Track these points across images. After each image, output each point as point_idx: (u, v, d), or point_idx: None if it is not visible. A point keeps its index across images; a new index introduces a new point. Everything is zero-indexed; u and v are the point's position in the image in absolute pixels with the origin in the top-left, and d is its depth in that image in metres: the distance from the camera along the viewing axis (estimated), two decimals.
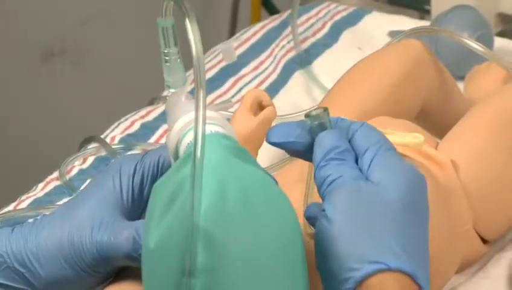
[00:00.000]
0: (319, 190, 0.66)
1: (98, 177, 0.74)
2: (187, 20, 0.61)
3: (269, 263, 0.58)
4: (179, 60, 0.71)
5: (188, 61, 0.70)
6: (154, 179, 0.73)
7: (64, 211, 0.73)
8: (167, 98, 0.72)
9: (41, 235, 0.71)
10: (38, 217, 0.74)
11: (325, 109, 0.68)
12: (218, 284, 0.57)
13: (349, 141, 0.68)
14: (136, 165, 0.73)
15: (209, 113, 0.63)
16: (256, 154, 0.97)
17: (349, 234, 0.62)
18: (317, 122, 0.68)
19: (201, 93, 0.58)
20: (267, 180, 0.61)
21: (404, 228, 0.63)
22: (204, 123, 0.57)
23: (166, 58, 0.70)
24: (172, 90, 0.71)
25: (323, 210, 0.63)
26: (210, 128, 0.63)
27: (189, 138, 0.64)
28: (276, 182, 0.66)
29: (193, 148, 0.57)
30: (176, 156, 0.66)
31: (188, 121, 0.65)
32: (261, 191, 0.60)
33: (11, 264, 0.71)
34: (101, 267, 0.71)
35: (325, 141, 0.67)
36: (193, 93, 0.68)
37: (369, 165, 0.66)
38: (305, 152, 0.69)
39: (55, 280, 0.71)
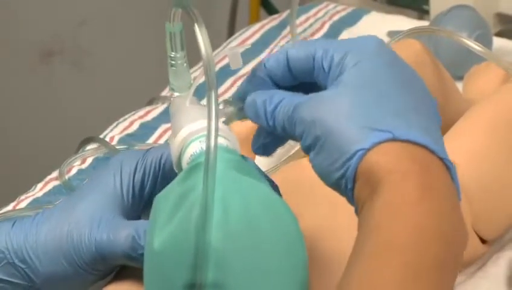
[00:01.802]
0: (293, 137, 0.63)
1: (99, 173, 0.74)
2: (196, 26, 0.61)
3: (272, 276, 0.59)
4: (185, 64, 0.71)
5: (191, 61, 0.71)
6: (156, 177, 0.72)
7: (64, 207, 0.73)
8: (171, 99, 0.72)
9: (41, 231, 0.71)
10: (39, 212, 0.74)
11: (226, 101, 0.67)
12: None
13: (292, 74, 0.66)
14: (137, 163, 0.73)
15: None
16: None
17: (334, 123, 0.59)
18: (236, 109, 0.67)
19: (213, 98, 0.58)
20: (269, 194, 0.61)
21: (393, 95, 0.60)
22: (215, 149, 0.58)
23: (172, 62, 0.70)
24: (176, 94, 0.71)
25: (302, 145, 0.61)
26: None
27: (192, 148, 0.64)
28: (278, 188, 0.66)
29: (204, 169, 0.57)
30: (179, 166, 0.66)
31: (191, 132, 0.65)
32: (263, 205, 0.60)
33: (11, 260, 0.71)
34: (99, 266, 0.71)
35: (252, 110, 0.65)
36: (196, 95, 0.68)
37: (323, 66, 0.63)
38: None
39: (54, 276, 0.71)
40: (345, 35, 1.62)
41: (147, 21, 2.21)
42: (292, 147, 1.24)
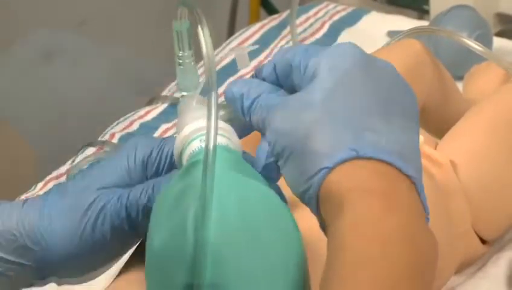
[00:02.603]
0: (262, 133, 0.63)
1: (112, 156, 0.72)
2: (199, 27, 0.61)
3: (270, 276, 0.59)
4: (192, 63, 0.71)
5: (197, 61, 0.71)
6: (171, 168, 0.71)
7: (77, 189, 0.70)
8: (180, 99, 0.72)
9: (55, 213, 0.69)
10: (50, 191, 0.72)
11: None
12: None
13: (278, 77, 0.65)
14: (152, 150, 0.72)
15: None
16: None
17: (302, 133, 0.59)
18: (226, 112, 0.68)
19: (213, 98, 0.58)
20: (267, 194, 0.61)
21: (367, 110, 0.59)
22: (215, 152, 0.57)
23: (180, 61, 0.70)
24: (184, 93, 0.71)
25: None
26: None
27: (193, 146, 0.64)
28: (280, 189, 0.66)
29: (203, 168, 0.57)
30: (180, 164, 0.66)
31: (193, 130, 0.65)
32: (261, 204, 0.60)
33: (24, 243, 0.69)
34: (119, 234, 0.69)
35: (231, 103, 0.66)
36: (203, 94, 0.68)
37: (300, 68, 0.63)
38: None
39: (67, 257, 0.69)
40: (345, 35, 1.62)
41: (146, 21, 2.21)
42: None
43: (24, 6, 2.11)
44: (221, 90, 1.53)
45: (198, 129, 0.65)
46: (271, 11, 2.30)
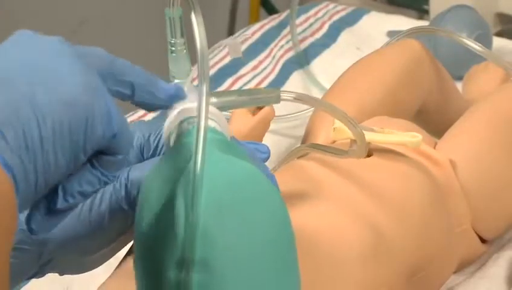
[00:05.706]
0: None
1: None
2: (192, 14, 0.61)
3: (258, 253, 0.59)
4: (184, 51, 0.71)
5: (192, 56, 0.71)
6: None
7: None
8: None
9: None
10: None
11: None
12: (213, 279, 0.57)
13: None
14: (150, 135, 0.72)
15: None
16: None
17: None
18: None
19: (204, 87, 0.58)
20: (255, 173, 0.61)
21: None
22: (207, 124, 0.57)
23: (172, 48, 0.71)
24: (176, 80, 0.72)
25: None
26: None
27: (181, 129, 0.65)
28: (274, 178, 0.66)
29: (194, 148, 0.57)
30: (168, 146, 0.66)
31: (182, 113, 0.66)
32: (249, 184, 0.60)
33: (21, 226, 0.69)
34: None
35: None
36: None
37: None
38: None
39: (68, 237, 0.69)
40: (345, 34, 1.62)
41: (146, 21, 2.21)
42: (287, 149, 1.24)
43: (24, 6, 2.11)
44: (222, 88, 1.52)
45: (187, 112, 0.65)
46: (271, 11, 2.30)
